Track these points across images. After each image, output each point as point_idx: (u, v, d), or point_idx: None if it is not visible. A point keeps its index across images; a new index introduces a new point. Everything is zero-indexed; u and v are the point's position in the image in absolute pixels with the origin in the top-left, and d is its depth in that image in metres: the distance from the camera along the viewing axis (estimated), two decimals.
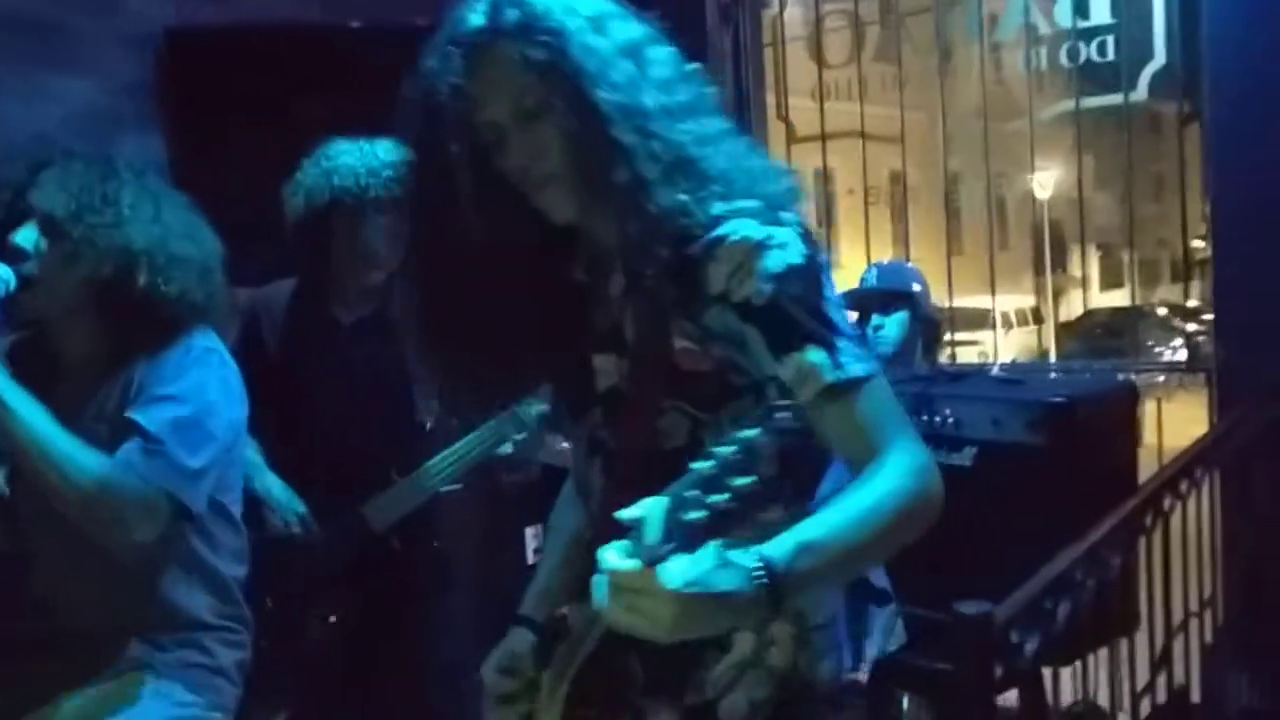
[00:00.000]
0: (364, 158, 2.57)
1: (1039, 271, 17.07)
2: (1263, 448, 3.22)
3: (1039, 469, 2.30)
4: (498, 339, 1.48)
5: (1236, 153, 3.56)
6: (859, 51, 4.29)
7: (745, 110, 4.53)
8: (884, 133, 4.60)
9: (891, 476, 1.23)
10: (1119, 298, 18.93)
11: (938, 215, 4.82)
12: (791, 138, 4.49)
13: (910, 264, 3.84)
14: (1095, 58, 3.89)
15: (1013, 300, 16.65)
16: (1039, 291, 17.70)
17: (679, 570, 1.07)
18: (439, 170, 1.38)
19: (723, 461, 1.03)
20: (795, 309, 1.29)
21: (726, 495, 1.02)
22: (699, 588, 1.08)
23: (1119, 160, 4.18)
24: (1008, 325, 16.83)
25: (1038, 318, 17.19)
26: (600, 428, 1.49)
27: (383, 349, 2.48)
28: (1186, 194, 3.85)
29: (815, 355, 1.28)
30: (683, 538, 1.05)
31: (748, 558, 1.11)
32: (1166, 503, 2.44)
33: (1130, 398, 2.45)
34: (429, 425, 2.72)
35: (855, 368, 1.28)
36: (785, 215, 1.36)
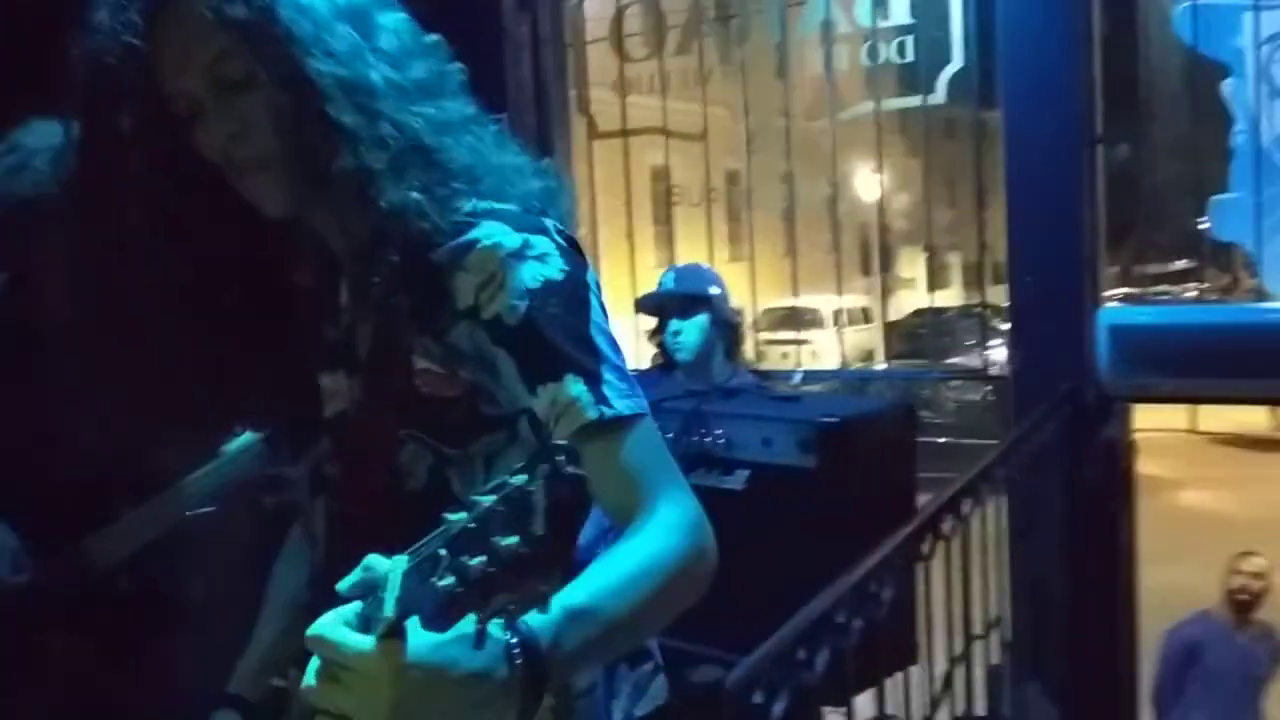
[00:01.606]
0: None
1: (867, 272, 17.40)
2: (1052, 458, 3.20)
3: (812, 493, 2.16)
4: (198, 355, 1.24)
5: (1031, 160, 3.55)
6: (661, 46, 4.13)
7: (544, 103, 4.33)
8: (696, 130, 4.46)
9: (663, 533, 1.05)
10: (946, 298, 19.45)
11: (772, 216, 4.75)
12: (593, 133, 4.29)
13: (708, 266, 3.70)
14: (895, 58, 3.82)
15: (843, 300, 16.84)
16: (870, 291, 18.06)
17: (416, 646, 0.85)
18: (111, 152, 1.15)
19: (482, 514, 0.80)
20: (553, 332, 1.10)
21: (484, 557, 0.79)
22: (439, 669, 0.85)
23: (948, 165, 4.14)
24: (839, 324, 17.09)
25: (868, 318, 17.52)
26: (327, 462, 1.27)
27: None
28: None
29: (574, 388, 1.09)
30: (429, 609, 0.82)
31: (501, 630, 0.88)
32: (947, 526, 2.33)
33: (907, 417, 2.33)
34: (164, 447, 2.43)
35: (621, 404, 1.10)
36: (547, 221, 1.17)
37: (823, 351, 16.21)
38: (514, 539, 0.78)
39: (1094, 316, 3.44)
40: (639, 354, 3.90)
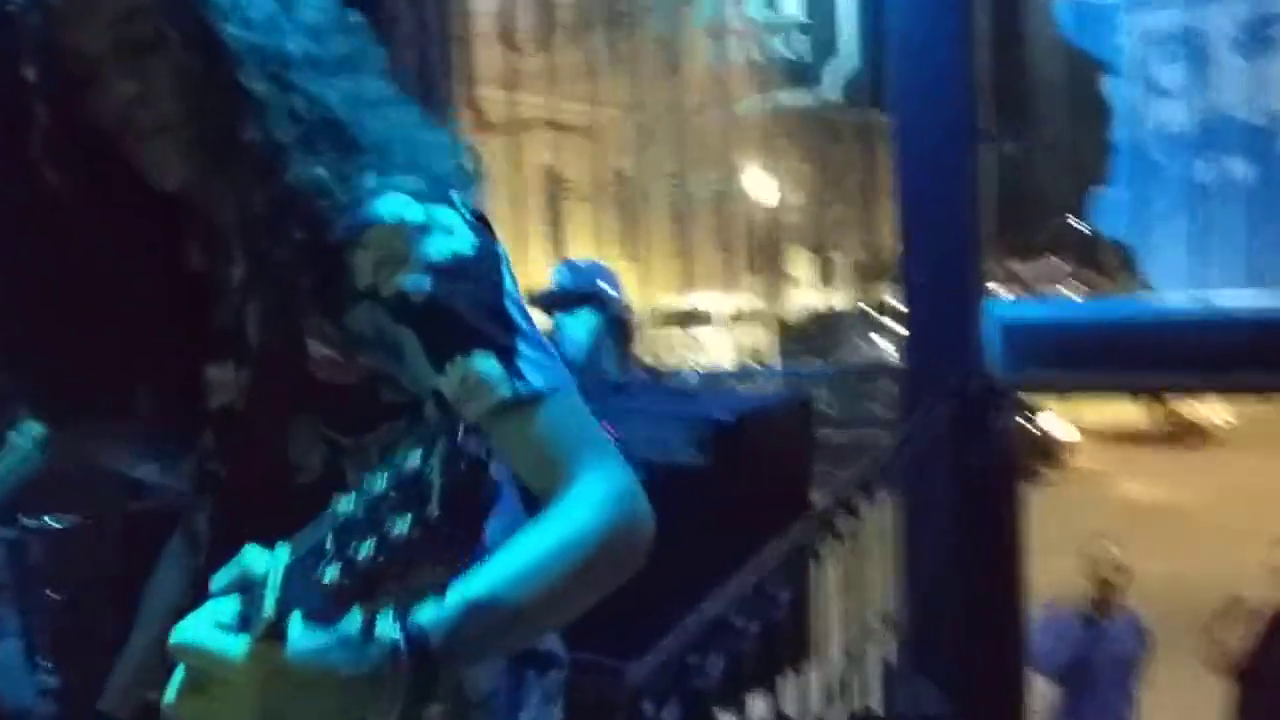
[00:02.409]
0: None
1: (755, 271, 17.56)
2: (942, 452, 3.20)
3: (706, 492, 2.10)
4: (72, 341, 1.15)
5: (921, 156, 3.56)
6: (550, 40, 4.04)
7: (430, 96, 4.21)
8: (586, 125, 4.38)
9: (584, 506, 0.97)
10: (831, 298, 19.72)
11: (659, 215, 4.70)
12: (480, 126, 4.19)
13: (601, 263, 3.64)
14: (786, 54, 3.80)
15: (733, 300, 17.01)
16: (758, 290, 18.23)
17: (294, 649, 0.78)
18: (7, 106, 1.07)
19: (372, 500, 0.73)
20: (461, 306, 1.03)
21: (370, 547, 0.71)
22: (316, 673, 0.78)
23: (832, 168, 4.13)
24: (729, 323, 17.24)
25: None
26: (210, 458, 1.18)
27: None
28: (888, 200, 3.84)
29: (485, 363, 1.01)
30: (314, 605, 0.75)
31: (389, 626, 0.81)
32: (842, 523, 2.29)
33: (803, 413, 2.29)
34: None
35: (537, 378, 1.02)
36: (456, 197, 1.10)
37: (713, 349, 16.34)
38: (404, 525, 0.71)
39: (983, 310, 3.47)
40: None
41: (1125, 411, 14.61)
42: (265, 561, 0.79)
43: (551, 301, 3.41)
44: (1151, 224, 3.46)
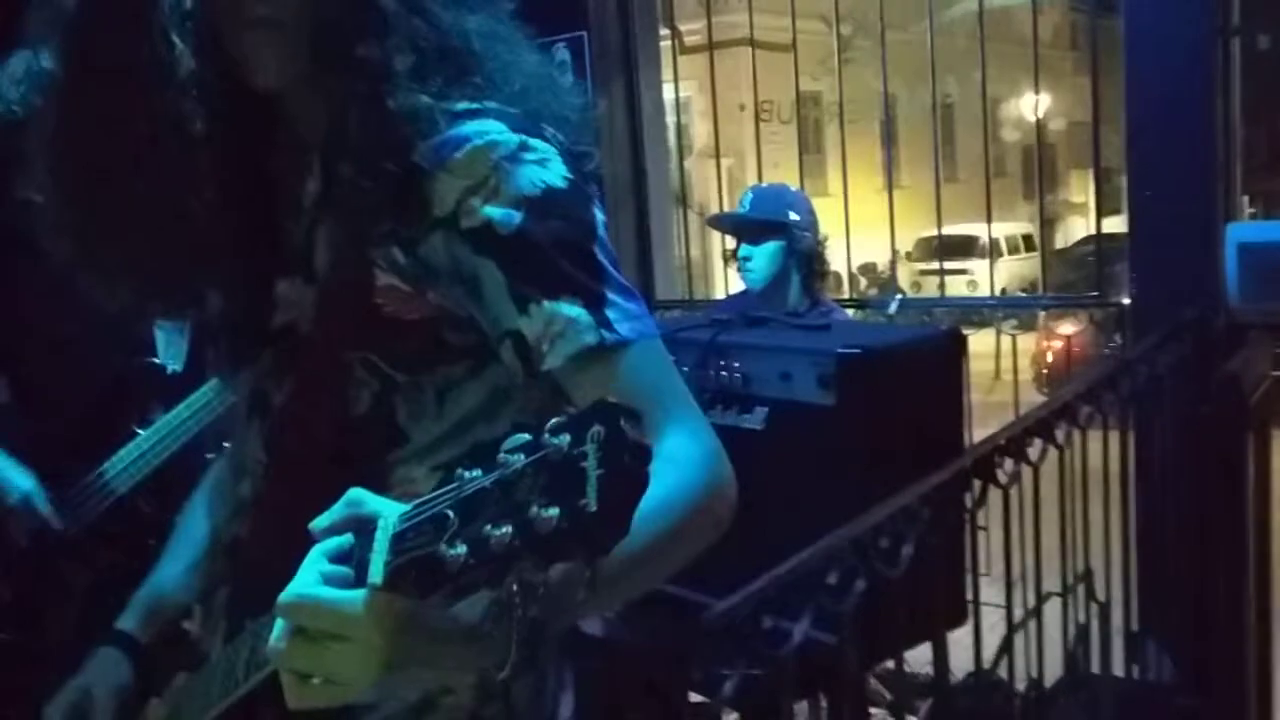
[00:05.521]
0: None
1: (1030, 197, 16.57)
2: (1164, 393, 2.83)
3: (833, 433, 1.91)
4: (143, 235, 1.12)
5: (1154, 54, 3.14)
6: None
7: (629, 17, 4.10)
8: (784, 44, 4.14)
9: (675, 467, 0.92)
10: (1117, 224, 18.35)
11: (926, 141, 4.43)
12: (680, 48, 4.04)
13: (795, 190, 3.44)
14: None
15: (1004, 227, 16.26)
16: (1033, 218, 17.22)
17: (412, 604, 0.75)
18: None
19: (507, 476, 0.67)
20: (552, 246, 0.98)
21: (509, 528, 0.66)
22: (434, 620, 0.77)
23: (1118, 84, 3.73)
24: (1000, 253, 16.41)
25: (1030, 245, 16.73)
26: (269, 378, 1.13)
27: None
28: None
29: (572, 309, 0.97)
30: (429, 579, 0.70)
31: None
32: (1005, 469, 2.05)
33: (950, 349, 2.04)
34: (171, 368, 2.38)
35: (624, 327, 0.98)
36: (549, 130, 1.04)
37: (982, 281, 15.55)
38: (554, 511, 0.65)
39: (1224, 234, 3.03)
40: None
41: None
42: (374, 506, 0.76)
43: (736, 229, 3.28)
44: None
